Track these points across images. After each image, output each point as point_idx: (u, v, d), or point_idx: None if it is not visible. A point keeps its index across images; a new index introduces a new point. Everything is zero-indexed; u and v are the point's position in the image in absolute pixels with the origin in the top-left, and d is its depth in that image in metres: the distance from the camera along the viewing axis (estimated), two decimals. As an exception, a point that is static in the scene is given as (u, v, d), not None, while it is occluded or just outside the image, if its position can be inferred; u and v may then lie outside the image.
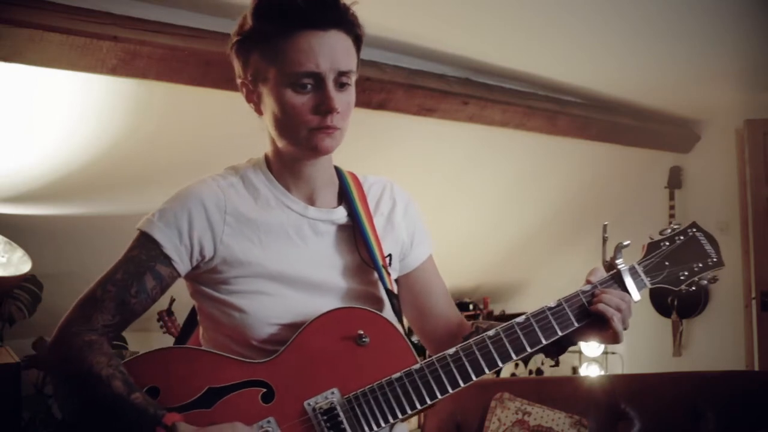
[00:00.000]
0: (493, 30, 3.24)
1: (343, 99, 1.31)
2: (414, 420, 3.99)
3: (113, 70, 2.60)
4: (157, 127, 3.12)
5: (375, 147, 3.67)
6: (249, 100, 1.38)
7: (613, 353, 5.15)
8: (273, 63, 1.30)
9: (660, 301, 5.01)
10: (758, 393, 3.18)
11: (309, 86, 1.29)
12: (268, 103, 1.33)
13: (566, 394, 3.34)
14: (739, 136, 4.62)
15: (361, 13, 1.34)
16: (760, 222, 4.43)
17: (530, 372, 5.27)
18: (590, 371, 5.05)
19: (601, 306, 1.35)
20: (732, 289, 4.64)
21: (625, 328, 1.36)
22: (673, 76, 4.00)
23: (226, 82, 2.83)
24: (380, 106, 3.35)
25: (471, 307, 5.37)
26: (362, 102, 2.74)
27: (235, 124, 3.19)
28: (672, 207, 5.06)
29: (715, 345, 4.90)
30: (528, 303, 5.72)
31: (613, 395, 3.27)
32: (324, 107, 1.29)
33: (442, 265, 1.58)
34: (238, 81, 1.38)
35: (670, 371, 4.48)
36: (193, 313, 1.47)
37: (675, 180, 5.11)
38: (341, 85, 1.31)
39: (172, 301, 3.29)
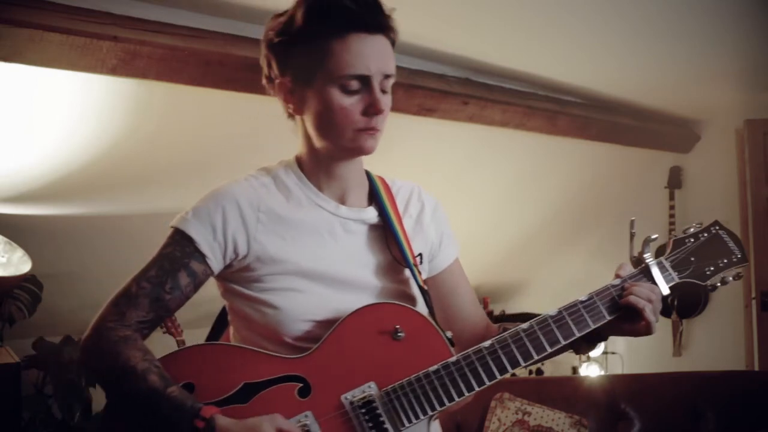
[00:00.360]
0: (493, 30, 3.24)
1: (386, 101, 1.35)
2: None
3: (113, 70, 2.60)
4: (157, 127, 3.12)
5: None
6: (287, 100, 1.39)
7: (613, 353, 5.14)
8: (320, 64, 1.32)
9: (660, 300, 4.98)
10: (758, 393, 3.18)
11: (356, 88, 1.32)
12: (312, 104, 1.35)
13: (566, 394, 3.34)
14: (739, 136, 4.62)
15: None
16: (760, 222, 4.42)
17: (530, 372, 5.26)
18: (590, 371, 5.04)
19: (632, 298, 1.38)
20: (732, 289, 4.59)
21: (655, 320, 1.39)
22: (673, 76, 3.99)
23: (226, 82, 2.84)
24: (380, 106, 3.34)
25: (471, 307, 5.36)
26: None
27: (235, 124, 3.21)
28: (672, 207, 5.05)
29: (715, 345, 4.89)
30: (528, 303, 5.71)
31: (613, 395, 3.27)
32: (372, 109, 1.33)
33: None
34: (275, 82, 1.39)
35: (670, 371, 4.48)
36: (223, 313, 1.48)
37: (675, 180, 5.10)
38: (383, 88, 1.35)
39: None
